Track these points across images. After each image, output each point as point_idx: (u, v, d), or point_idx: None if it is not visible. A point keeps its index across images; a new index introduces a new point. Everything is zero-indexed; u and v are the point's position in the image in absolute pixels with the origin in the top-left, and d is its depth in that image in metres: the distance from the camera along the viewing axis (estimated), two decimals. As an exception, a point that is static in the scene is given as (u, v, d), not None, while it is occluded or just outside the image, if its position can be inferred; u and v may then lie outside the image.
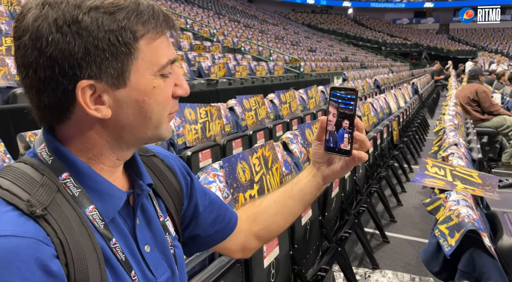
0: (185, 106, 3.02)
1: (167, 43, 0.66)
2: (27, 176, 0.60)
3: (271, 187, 2.08)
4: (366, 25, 44.39)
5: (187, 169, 0.89)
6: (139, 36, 0.62)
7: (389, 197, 4.18)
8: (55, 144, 0.63)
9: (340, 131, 0.82)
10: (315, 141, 0.89)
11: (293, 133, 2.64)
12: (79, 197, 0.62)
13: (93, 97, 0.61)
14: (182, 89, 0.70)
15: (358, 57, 22.57)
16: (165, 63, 0.65)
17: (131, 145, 0.69)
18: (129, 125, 0.65)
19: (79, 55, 0.58)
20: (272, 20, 29.13)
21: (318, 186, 0.91)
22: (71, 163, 0.63)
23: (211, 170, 1.73)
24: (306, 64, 12.42)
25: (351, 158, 0.84)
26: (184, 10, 16.01)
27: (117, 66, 0.60)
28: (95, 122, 0.63)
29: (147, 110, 0.64)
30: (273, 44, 15.90)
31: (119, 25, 0.60)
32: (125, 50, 0.60)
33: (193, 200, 0.87)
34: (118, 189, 0.67)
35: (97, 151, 0.65)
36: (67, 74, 0.58)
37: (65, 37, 0.57)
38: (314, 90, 5.91)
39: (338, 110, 0.82)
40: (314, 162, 0.91)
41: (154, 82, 0.64)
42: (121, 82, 0.61)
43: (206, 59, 7.80)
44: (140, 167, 0.74)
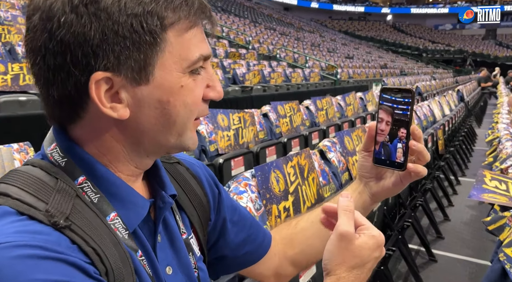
0: (218, 112, 2.94)
1: (201, 37, 0.55)
2: (38, 181, 0.50)
3: (307, 198, 1.92)
4: (406, 31, 43.17)
5: (215, 179, 0.78)
6: (167, 25, 0.51)
7: (435, 211, 3.88)
8: (68, 144, 0.54)
9: (395, 142, 0.67)
10: (361, 152, 0.75)
11: (331, 141, 2.47)
12: (98, 203, 0.52)
13: (110, 93, 0.51)
14: (215, 92, 0.58)
15: (397, 64, 21.89)
16: (196, 59, 0.53)
17: (151, 153, 0.58)
18: (150, 129, 0.54)
19: (95, 42, 0.48)
20: (308, 28, 28.98)
21: (365, 205, 0.77)
22: (88, 165, 0.53)
23: (243, 179, 1.61)
24: (343, 71, 12.15)
25: (405, 172, 0.69)
26: (221, 18, 16.24)
27: (139, 58, 0.50)
28: (111, 123, 0.53)
29: (172, 112, 0.54)
30: (309, 51, 15.74)
31: (144, 8, 0.49)
32: (149, 40, 0.50)
33: (221, 215, 0.76)
34: (141, 196, 0.57)
35: (113, 157, 0.55)
36: (80, 64, 0.48)
37: (80, 18, 0.47)
38: (353, 96, 5.68)
39: (393, 117, 0.67)
40: (361, 176, 0.77)
41: (182, 80, 0.53)
42: (143, 77, 0.51)
43: (241, 66, 7.78)
44: (162, 175, 0.64)
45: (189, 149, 0.60)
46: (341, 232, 0.58)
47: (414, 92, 0.66)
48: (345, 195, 0.62)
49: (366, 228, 0.60)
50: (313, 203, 1.97)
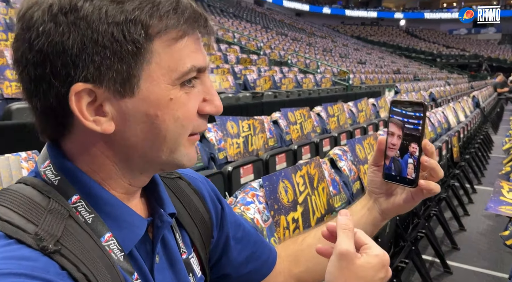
0: (227, 119, 2.92)
1: (195, 47, 0.52)
2: (29, 201, 0.48)
3: (316, 209, 1.88)
4: (419, 36, 42.73)
5: (218, 194, 0.75)
6: (153, 34, 0.48)
7: (450, 220, 3.78)
8: (61, 161, 0.51)
9: (405, 157, 0.64)
10: (371, 167, 0.72)
11: (341, 149, 2.42)
12: (92, 223, 0.50)
13: (94, 106, 0.48)
14: (212, 106, 0.55)
15: (411, 69, 21.64)
16: (187, 70, 0.50)
17: (144, 170, 0.55)
18: (139, 145, 0.51)
19: (74, 51, 0.46)
20: (320, 33, 28.92)
21: (374, 222, 0.74)
22: (82, 184, 0.51)
23: (250, 190, 1.57)
24: (355, 77, 12.05)
25: (417, 189, 0.66)
26: (232, 24, 16.32)
27: (122, 69, 0.47)
28: (98, 137, 0.50)
29: (161, 127, 0.51)
30: (320, 57, 15.68)
31: (127, 17, 0.46)
32: (132, 50, 0.47)
33: (224, 232, 0.73)
34: (137, 215, 0.54)
35: (105, 175, 0.53)
36: (60, 75, 0.46)
37: (59, 27, 0.45)
38: (365, 102, 5.61)
39: (404, 131, 0.64)
40: (370, 192, 0.74)
41: (172, 93, 0.50)
42: (127, 89, 0.48)
43: (252, 72, 7.78)
44: (161, 192, 0.61)
45: (184, 166, 0.56)
46: (341, 251, 0.54)
47: (426, 105, 0.63)
48: (343, 213, 0.58)
49: (369, 247, 0.56)
50: (323, 213, 1.93)
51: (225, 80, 6.14)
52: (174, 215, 0.61)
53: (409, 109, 0.64)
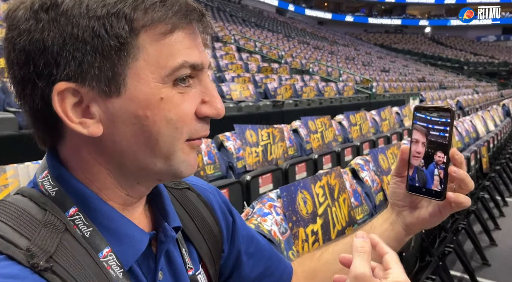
0: (246, 128, 2.89)
1: (190, 43, 0.48)
2: (24, 214, 0.45)
3: (337, 221, 1.81)
4: (445, 43, 41.84)
5: (229, 206, 0.71)
6: (138, 27, 0.45)
7: (480, 234, 3.61)
8: (59, 171, 0.49)
9: (431, 167, 0.59)
10: (393, 178, 0.67)
11: (364, 159, 2.34)
12: (90, 238, 0.47)
13: (80, 108, 0.46)
14: (212, 108, 0.50)
15: (436, 77, 21.14)
16: (177, 65, 0.47)
17: (139, 178, 0.51)
18: (130, 149, 0.48)
19: (55, 48, 0.43)
20: (342, 41, 28.75)
21: (398, 237, 0.68)
22: (80, 196, 0.48)
23: (267, 200, 1.52)
24: (378, 85, 11.86)
25: (445, 202, 0.60)
26: (254, 34, 16.43)
27: (105, 66, 0.44)
28: (88, 142, 0.48)
29: (152, 129, 0.47)
30: (343, 65, 15.54)
31: (109, 10, 0.44)
32: (115, 45, 0.44)
33: (236, 247, 0.69)
34: (138, 229, 0.51)
35: (101, 184, 0.50)
36: (43, 74, 0.44)
37: (39, 24, 0.43)
38: (388, 111, 5.48)
39: (428, 138, 0.59)
40: (393, 205, 0.68)
41: (162, 91, 0.47)
42: (112, 88, 0.45)
43: (272, 80, 7.77)
44: (165, 204, 0.57)
45: (183, 175, 0.52)
46: (356, 274, 0.49)
47: (454, 111, 0.58)
48: (360, 235, 0.54)
49: (391, 273, 0.51)
50: (344, 226, 1.85)
51: (245, 89, 6.15)
52: (179, 229, 0.58)
53: (434, 115, 0.60)
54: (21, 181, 1.55)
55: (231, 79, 7.05)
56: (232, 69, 8.09)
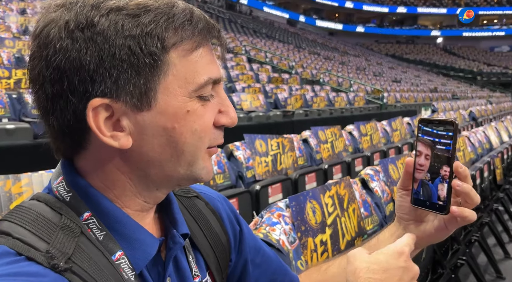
0: (256, 138, 2.90)
1: (210, 58, 0.52)
2: (41, 218, 0.48)
3: (346, 231, 1.79)
4: (458, 54, 41.47)
5: (237, 215, 0.72)
6: (169, 46, 0.48)
7: (494, 247, 3.52)
8: (73, 177, 0.51)
9: (437, 181, 0.59)
10: (399, 191, 0.67)
11: (374, 169, 2.32)
12: (103, 241, 0.49)
13: (111, 121, 0.48)
14: (228, 118, 0.54)
15: (449, 87, 20.93)
16: (203, 82, 0.50)
17: (160, 186, 0.54)
18: (156, 159, 0.51)
19: (92, 66, 0.46)
20: (353, 52, 28.75)
21: None
22: (94, 201, 0.50)
23: (276, 210, 1.53)
24: (389, 95, 11.78)
25: (450, 217, 0.60)
26: (265, 44, 16.55)
27: (139, 82, 0.47)
28: (114, 153, 0.50)
29: (178, 140, 0.50)
30: (354, 75, 15.51)
31: (143, 30, 0.47)
32: (149, 62, 0.47)
33: (243, 257, 0.70)
34: (149, 234, 0.53)
35: (119, 191, 0.52)
36: (77, 91, 0.47)
37: (76, 43, 0.46)
38: (399, 121, 5.44)
39: (434, 152, 0.59)
40: (400, 218, 0.68)
41: (189, 105, 0.50)
42: (144, 103, 0.48)
43: (283, 90, 7.79)
44: (174, 212, 0.59)
45: (202, 180, 0.56)
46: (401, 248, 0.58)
47: (457, 124, 0.58)
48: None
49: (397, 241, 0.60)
50: (354, 236, 1.84)
51: (256, 99, 6.18)
52: (187, 236, 0.59)
53: (439, 128, 0.59)
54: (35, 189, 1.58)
55: (242, 89, 7.10)
56: (243, 80, 8.15)
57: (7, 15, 7.04)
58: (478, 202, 0.60)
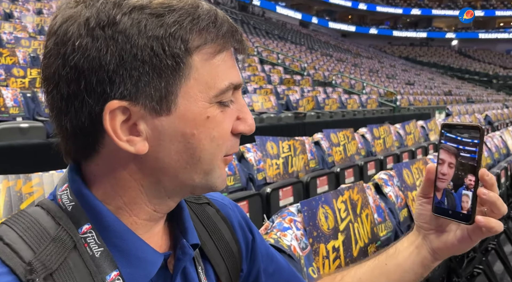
0: (267, 140, 2.87)
1: (231, 63, 0.50)
2: (37, 226, 0.46)
3: (359, 238, 1.75)
4: (473, 56, 40.81)
5: (249, 223, 0.69)
6: (192, 48, 0.46)
7: (511, 255, 3.42)
8: (78, 186, 0.49)
9: (460, 190, 0.56)
10: (419, 198, 0.64)
11: (387, 174, 2.27)
12: (100, 258, 0.46)
13: (127, 125, 0.46)
14: (246, 125, 0.52)
15: (464, 90, 20.60)
16: (225, 87, 0.48)
17: (173, 193, 0.52)
18: (171, 166, 0.48)
19: (111, 67, 0.43)
20: (366, 54, 28.52)
21: (424, 262, 0.65)
22: (95, 212, 0.48)
23: (287, 214, 1.49)
24: (403, 98, 11.64)
25: (475, 227, 0.57)
26: (277, 46, 16.52)
27: (160, 85, 0.45)
28: (128, 158, 0.48)
29: (196, 147, 0.48)
30: (366, 77, 15.38)
31: (167, 31, 0.45)
32: (172, 64, 0.45)
33: (255, 266, 0.67)
34: (152, 250, 0.50)
35: (129, 199, 0.50)
36: (95, 92, 0.44)
37: (96, 42, 0.43)
38: (413, 125, 5.35)
39: (458, 160, 0.56)
40: (419, 227, 0.65)
41: (209, 111, 0.48)
42: (163, 107, 0.46)
43: (294, 92, 7.75)
44: (185, 220, 0.57)
45: (217, 189, 0.53)
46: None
47: (484, 129, 0.55)
48: None
49: None
50: (367, 243, 1.79)
51: (267, 101, 6.16)
52: (198, 246, 0.57)
53: (464, 135, 0.56)
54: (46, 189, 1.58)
55: (253, 90, 7.08)
56: (255, 81, 8.13)
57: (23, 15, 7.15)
58: (505, 212, 0.57)
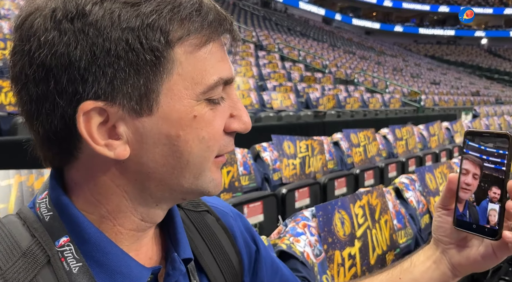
0: (284, 139, 2.81)
1: (221, 55, 0.44)
2: (9, 239, 0.42)
3: (377, 245, 1.67)
4: (503, 56, 39.38)
5: (253, 233, 0.65)
6: (174, 40, 0.41)
7: (539, 267, 3.24)
8: (57, 193, 0.45)
9: (483, 204, 0.54)
10: (438, 209, 0.59)
11: (409, 178, 2.18)
12: (78, 274, 0.42)
13: (105, 128, 0.41)
14: (241, 123, 0.47)
15: (492, 91, 19.88)
16: (213, 83, 0.43)
17: (160, 200, 0.47)
18: (157, 171, 0.44)
19: (83, 64, 0.39)
20: (390, 52, 27.91)
21: (442, 279, 0.60)
22: (74, 224, 0.44)
23: (301, 219, 1.43)
24: (427, 98, 11.32)
25: (501, 243, 0.54)
26: (299, 43, 16.35)
27: (139, 82, 0.40)
28: (110, 164, 0.43)
29: (183, 150, 0.43)
30: (390, 76, 15.04)
31: (144, 21, 0.40)
32: (151, 59, 0.40)
33: (259, 279, 0.63)
34: (137, 265, 0.46)
35: (113, 207, 0.45)
36: (66, 92, 0.40)
37: (64, 36, 0.39)
38: (437, 126, 5.16)
39: (482, 171, 0.54)
40: (438, 241, 0.60)
41: (196, 109, 0.43)
42: (144, 107, 0.41)
43: (315, 90, 7.63)
44: (177, 231, 0.52)
45: (210, 194, 0.48)
46: None
47: None
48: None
49: None
50: (385, 250, 1.71)
51: (286, 98, 6.08)
52: (190, 261, 0.52)
53: (489, 144, 0.53)
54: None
55: (273, 88, 7.01)
56: (275, 78, 8.06)
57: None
58: None
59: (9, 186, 1.35)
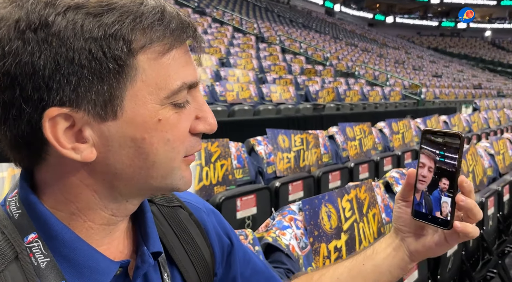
0: (279, 133, 2.84)
1: (184, 60, 0.47)
2: None
3: (364, 238, 1.71)
4: (507, 48, 39.01)
5: (226, 227, 0.68)
6: (137, 49, 0.43)
7: (531, 260, 3.28)
8: (25, 193, 0.47)
9: (435, 193, 0.60)
10: (398, 201, 0.65)
11: (399, 172, 2.20)
12: (46, 269, 0.45)
13: (72, 132, 0.44)
14: (206, 124, 0.50)
15: (495, 84, 19.74)
16: (177, 88, 0.45)
17: (130, 197, 0.50)
18: (124, 172, 0.46)
19: (47, 72, 0.41)
20: (393, 44, 27.69)
21: (401, 264, 0.66)
22: (42, 221, 0.46)
23: (288, 213, 1.47)
24: (428, 91, 11.27)
25: (452, 231, 0.60)
26: (301, 35, 16.23)
27: (102, 89, 0.43)
28: (78, 165, 0.46)
29: (149, 152, 0.46)
30: (391, 69, 14.95)
31: (106, 31, 0.42)
32: (113, 67, 0.42)
33: (232, 271, 0.66)
34: (105, 259, 0.48)
35: (82, 205, 0.48)
36: (31, 99, 0.42)
37: (28, 46, 0.41)
38: (435, 120, 5.17)
39: (435, 164, 0.60)
40: (397, 230, 0.66)
41: (160, 113, 0.45)
42: (109, 112, 0.44)
43: (315, 83, 7.61)
44: (147, 225, 0.55)
45: (180, 190, 0.52)
46: None
47: (464, 138, 0.57)
48: None
49: None
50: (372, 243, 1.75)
51: (286, 91, 6.08)
52: (160, 254, 0.55)
53: (443, 141, 0.59)
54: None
55: (273, 80, 7.00)
56: (275, 70, 8.03)
57: None
58: (480, 218, 0.59)
59: (2, 178, 1.39)
